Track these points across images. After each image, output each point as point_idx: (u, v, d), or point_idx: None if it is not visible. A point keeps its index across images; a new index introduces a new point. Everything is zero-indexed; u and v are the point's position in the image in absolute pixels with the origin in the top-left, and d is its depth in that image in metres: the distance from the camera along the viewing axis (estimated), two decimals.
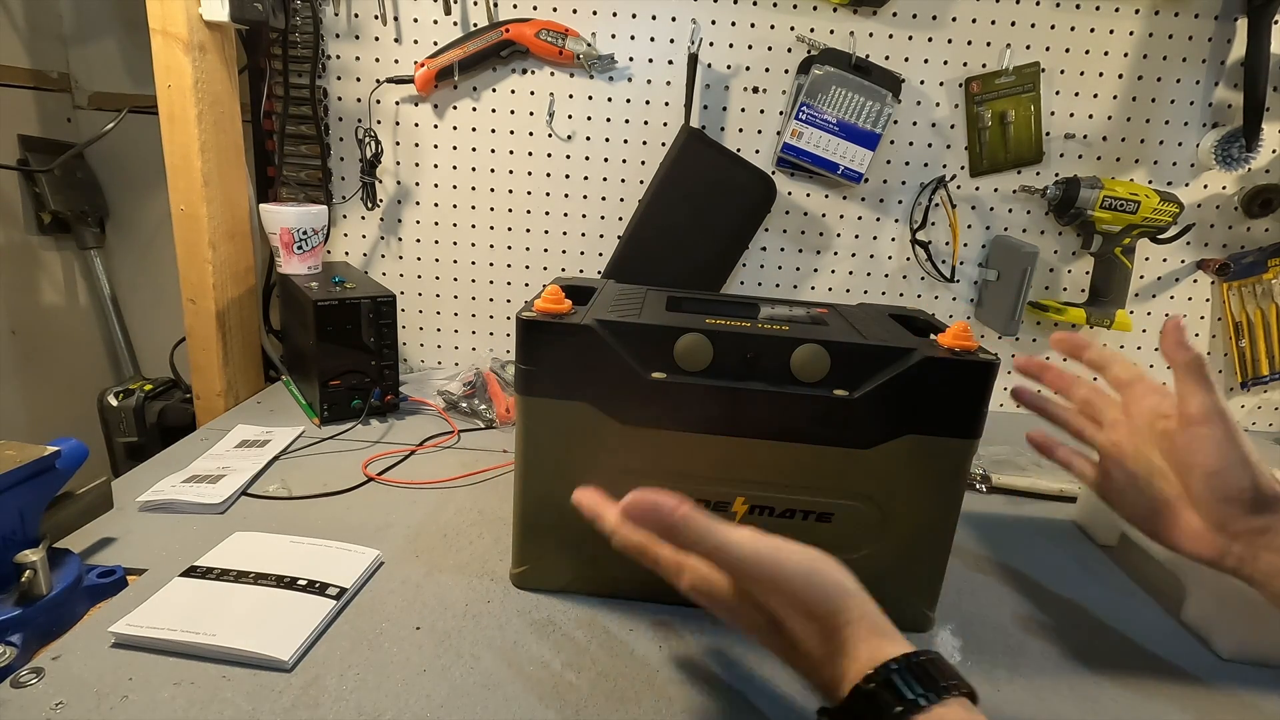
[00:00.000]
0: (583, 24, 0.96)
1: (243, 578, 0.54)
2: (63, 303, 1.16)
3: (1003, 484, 0.81)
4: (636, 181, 1.01)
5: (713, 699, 0.47)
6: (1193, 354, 0.49)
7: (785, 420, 0.50)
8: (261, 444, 0.79)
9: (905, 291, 1.06)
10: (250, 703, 0.44)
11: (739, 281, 1.06)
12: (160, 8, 0.80)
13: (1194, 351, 0.49)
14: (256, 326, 0.99)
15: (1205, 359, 0.50)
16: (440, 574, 0.58)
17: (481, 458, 0.80)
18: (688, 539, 0.39)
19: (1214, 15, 0.94)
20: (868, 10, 0.95)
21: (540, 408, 0.52)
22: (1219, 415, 0.47)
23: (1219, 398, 0.48)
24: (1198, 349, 0.50)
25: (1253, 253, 1.03)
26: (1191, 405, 0.48)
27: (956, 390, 0.50)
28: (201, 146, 0.84)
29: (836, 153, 0.95)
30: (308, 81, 0.98)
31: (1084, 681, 0.52)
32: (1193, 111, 0.98)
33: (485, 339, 1.09)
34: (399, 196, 1.04)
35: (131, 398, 0.96)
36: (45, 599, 0.48)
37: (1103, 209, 0.94)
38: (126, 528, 0.62)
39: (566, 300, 0.53)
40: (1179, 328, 0.50)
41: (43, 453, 0.50)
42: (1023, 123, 0.98)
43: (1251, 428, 1.10)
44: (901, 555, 0.53)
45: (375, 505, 0.69)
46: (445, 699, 0.45)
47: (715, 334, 0.50)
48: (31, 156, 1.06)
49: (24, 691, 0.43)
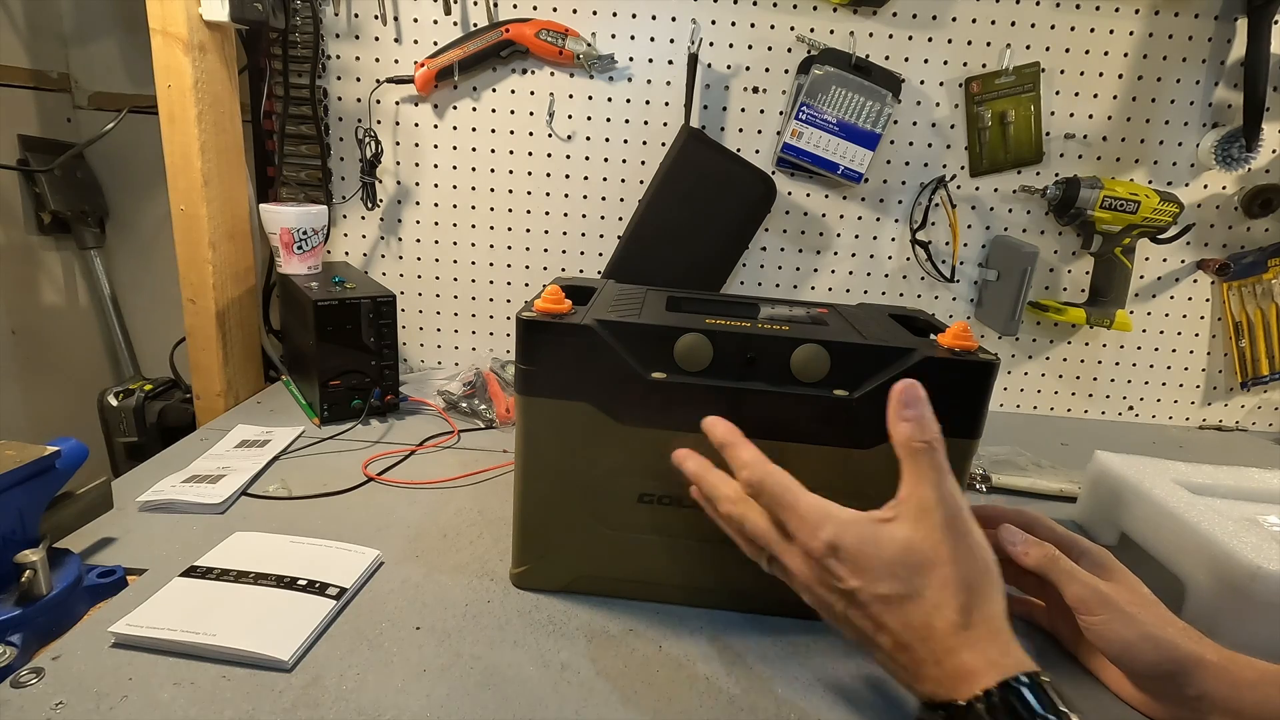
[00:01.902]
0: (583, 24, 0.96)
1: (243, 578, 0.54)
2: (63, 303, 1.16)
3: (1003, 484, 0.81)
4: (636, 181, 1.01)
5: (713, 699, 0.47)
6: (1042, 552, 0.50)
7: (785, 420, 0.50)
8: (261, 444, 0.79)
9: (905, 291, 1.06)
10: (250, 703, 0.44)
11: (739, 281, 1.06)
12: (160, 8, 0.80)
13: (1042, 549, 0.50)
14: (256, 326, 0.99)
15: (1055, 552, 0.50)
16: (440, 574, 0.58)
17: (481, 458, 0.80)
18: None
19: (1214, 15, 0.94)
20: (868, 10, 0.95)
21: (540, 408, 0.52)
22: (1100, 602, 0.47)
23: (1097, 583, 0.48)
24: (1046, 548, 0.50)
25: (1253, 253, 1.03)
26: (1068, 597, 0.48)
27: (956, 390, 0.50)
28: (201, 146, 0.84)
29: (836, 153, 0.95)
30: (308, 81, 0.98)
31: (1085, 682, 0.52)
32: (1193, 111, 0.98)
33: (485, 339, 1.09)
34: (399, 196, 1.04)
35: (131, 398, 0.96)
36: (45, 599, 0.48)
37: (1103, 209, 0.94)
38: (126, 528, 0.62)
39: (566, 300, 0.52)
40: (1013, 531, 0.51)
41: (43, 453, 0.50)
42: (1023, 123, 0.98)
43: (1252, 428, 1.10)
44: None
45: (375, 505, 0.69)
46: (445, 699, 0.45)
47: (715, 334, 0.50)
48: (31, 156, 1.06)
49: (24, 691, 0.43)
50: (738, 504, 0.45)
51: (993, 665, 0.35)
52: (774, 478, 0.43)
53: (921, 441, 0.40)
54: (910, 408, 0.42)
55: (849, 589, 0.39)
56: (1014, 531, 0.52)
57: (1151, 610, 0.47)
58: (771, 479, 0.43)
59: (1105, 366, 1.09)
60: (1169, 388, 1.09)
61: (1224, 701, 0.43)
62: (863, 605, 0.39)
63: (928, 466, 0.40)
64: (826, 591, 0.40)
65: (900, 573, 0.38)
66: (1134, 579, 0.50)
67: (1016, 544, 0.51)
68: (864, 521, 0.40)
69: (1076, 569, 0.49)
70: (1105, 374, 1.09)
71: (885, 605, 0.38)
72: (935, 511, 0.39)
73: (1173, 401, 1.10)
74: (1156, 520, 0.64)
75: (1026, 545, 0.51)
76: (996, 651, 0.36)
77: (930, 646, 0.37)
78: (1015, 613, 0.57)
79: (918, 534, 0.39)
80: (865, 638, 0.40)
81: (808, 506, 0.41)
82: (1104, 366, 1.09)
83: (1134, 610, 0.46)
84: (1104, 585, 0.48)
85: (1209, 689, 0.44)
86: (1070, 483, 0.81)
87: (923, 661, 0.37)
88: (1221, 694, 0.43)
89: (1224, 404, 1.10)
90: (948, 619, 0.37)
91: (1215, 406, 1.10)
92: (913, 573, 0.38)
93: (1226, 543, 0.55)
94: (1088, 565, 0.51)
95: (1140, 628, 0.46)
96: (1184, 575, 0.59)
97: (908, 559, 0.38)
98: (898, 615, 0.38)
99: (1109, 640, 0.46)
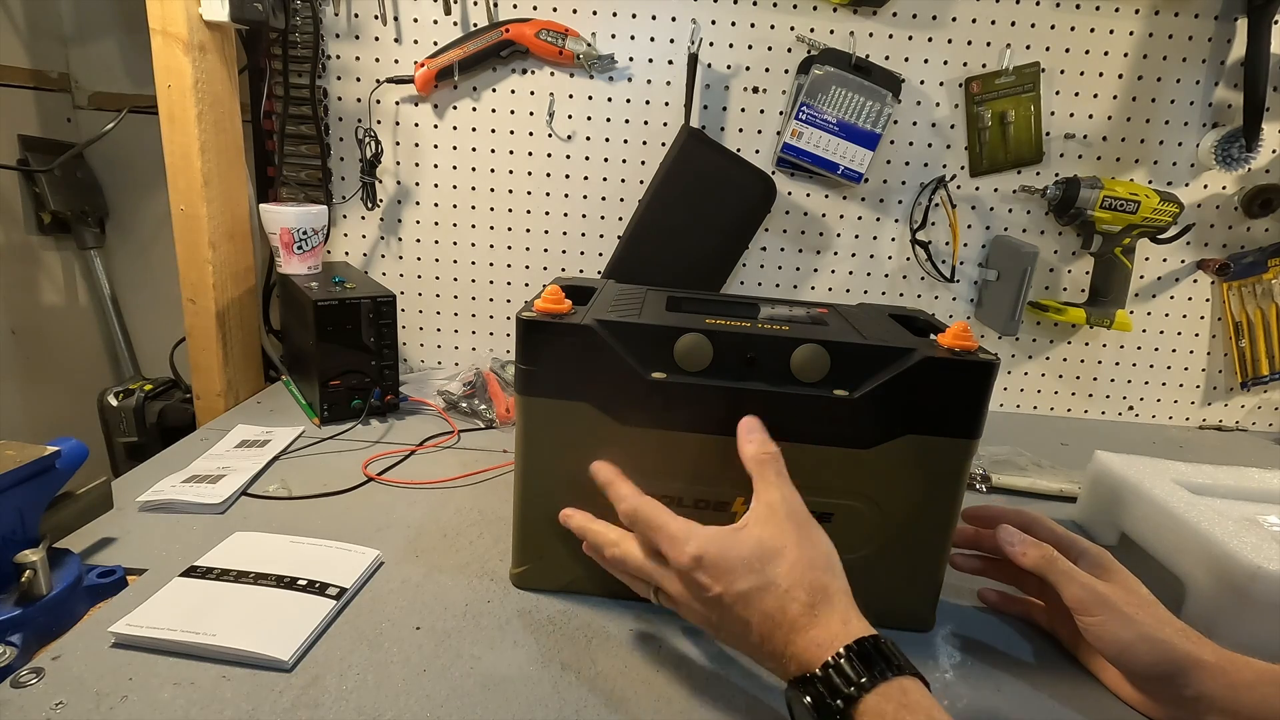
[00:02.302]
0: (583, 24, 0.96)
1: (243, 578, 0.54)
2: (63, 303, 1.16)
3: (1003, 484, 0.81)
4: (636, 181, 1.01)
5: (712, 699, 0.47)
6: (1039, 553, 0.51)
7: (785, 420, 0.50)
8: (261, 444, 0.79)
9: (905, 291, 1.06)
10: (250, 703, 0.44)
11: (739, 281, 1.06)
12: (160, 8, 0.80)
13: (1040, 550, 0.51)
14: (256, 326, 0.99)
15: (1052, 552, 0.50)
16: (440, 574, 0.58)
17: (481, 458, 0.80)
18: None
19: (1214, 15, 0.94)
20: (868, 10, 0.95)
21: (540, 408, 0.52)
22: (1098, 602, 0.47)
23: (1095, 584, 0.48)
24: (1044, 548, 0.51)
25: (1253, 253, 1.03)
26: (1066, 598, 0.49)
27: (956, 390, 0.50)
28: (201, 146, 0.84)
29: (836, 153, 0.95)
30: (308, 81, 0.98)
31: (1084, 681, 0.52)
32: (1193, 111, 0.98)
33: (485, 339, 1.09)
34: (399, 196, 1.04)
35: (131, 398, 0.96)
36: (45, 599, 0.48)
37: (1103, 209, 0.94)
38: (126, 528, 0.62)
39: (566, 300, 0.52)
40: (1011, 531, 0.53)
41: (43, 453, 0.50)
42: (1023, 123, 0.98)
43: (1252, 428, 1.10)
44: (902, 555, 0.53)
45: (375, 505, 0.69)
46: (445, 699, 0.45)
47: (715, 334, 0.50)
48: (31, 156, 1.06)
49: (24, 691, 0.43)
50: (619, 544, 0.49)
51: (835, 636, 0.39)
52: (646, 507, 0.47)
53: (765, 453, 0.47)
54: (753, 432, 0.49)
55: (715, 595, 0.42)
56: (1012, 532, 0.53)
57: (1149, 611, 0.48)
58: (644, 508, 0.47)
59: (1105, 366, 1.09)
60: (1169, 388, 1.09)
61: (1221, 702, 0.44)
62: (728, 608, 0.42)
63: (772, 473, 0.46)
64: (700, 605, 0.44)
65: (755, 565, 0.42)
66: (1132, 579, 0.50)
67: (1014, 544, 0.52)
68: (723, 532, 0.44)
69: (1074, 569, 0.50)
70: (1105, 374, 1.09)
71: (746, 602, 0.42)
72: (779, 509, 0.45)
73: (1173, 401, 1.10)
74: (1156, 520, 0.64)
75: (1024, 546, 0.51)
76: (838, 624, 0.40)
77: (785, 630, 0.41)
78: (1014, 612, 0.57)
79: (766, 531, 0.44)
80: (740, 639, 0.43)
81: (675, 527, 0.45)
82: (1104, 366, 1.09)
83: (1131, 611, 0.47)
84: (1102, 586, 0.48)
85: (1206, 689, 0.44)
86: (1070, 483, 0.81)
87: (784, 644, 0.41)
88: (1219, 694, 0.44)
89: (1224, 404, 1.10)
90: (799, 601, 0.41)
91: (1215, 406, 1.10)
92: (765, 564, 0.42)
93: (1226, 543, 0.55)
94: (1086, 565, 0.52)
95: (1137, 629, 0.46)
96: (1184, 575, 0.59)
97: (760, 552, 0.43)
98: (757, 607, 0.41)
99: (1106, 641, 0.47)
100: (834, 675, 0.38)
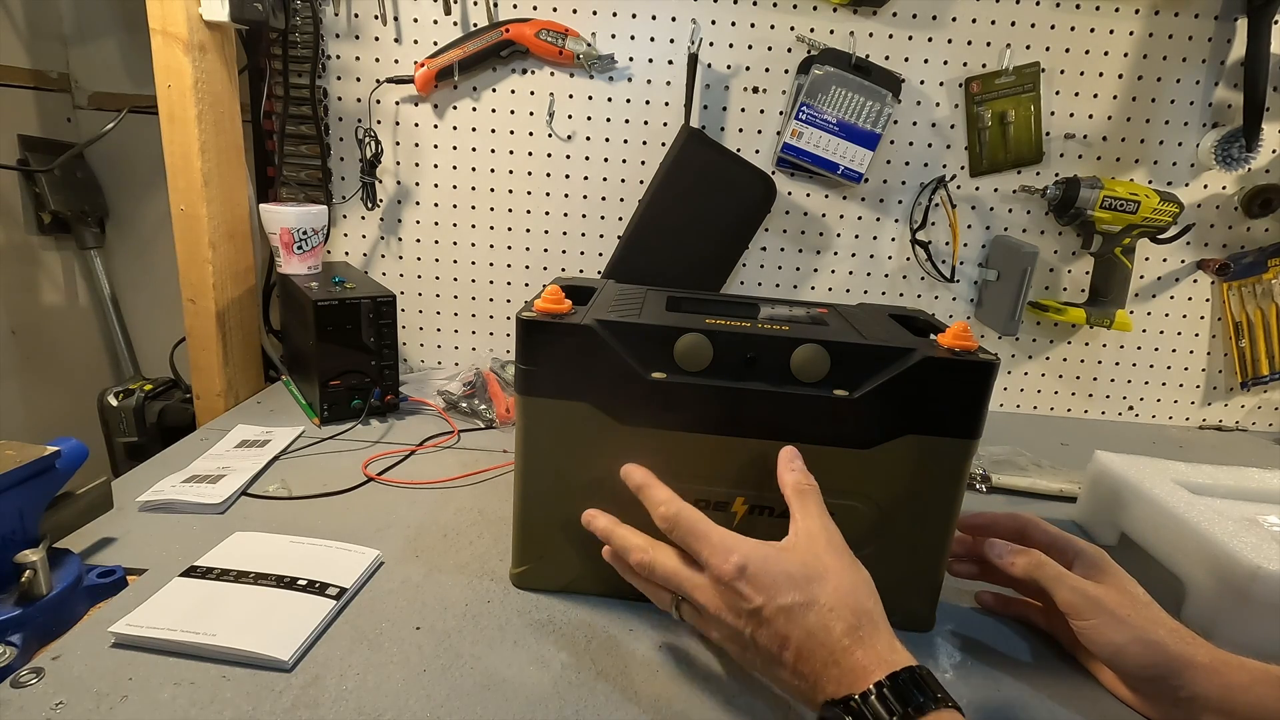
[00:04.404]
0: (583, 24, 0.96)
1: (243, 578, 0.54)
2: (63, 303, 1.16)
3: (1003, 484, 0.81)
4: (636, 181, 1.01)
5: (712, 699, 0.47)
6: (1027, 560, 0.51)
7: (785, 420, 0.50)
8: (261, 444, 0.79)
9: (905, 291, 1.06)
10: (250, 703, 0.44)
11: (739, 281, 1.06)
12: (160, 8, 0.80)
13: (1028, 557, 0.51)
14: (256, 326, 0.99)
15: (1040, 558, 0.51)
16: (440, 574, 0.58)
17: (481, 458, 0.80)
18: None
19: (1214, 15, 0.94)
20: (868, 10, 0.95)
21: (540, 408, 0.52)
22: (1090, 605, 0.48)
23: (1086, 587, 0.49)
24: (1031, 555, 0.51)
25: (1253, 253, 1.03)
26: (1059, 602, 0.49)
27: (956, 390, 0.50)
28: (201, 146, 0.84)
29: (836, 153, 0.95)
30: (308, 81, 0.98)
31: (1084, 681, 0.52)
32: (1193, 111, 0.98)
33: (485, 339, 1.09)
34: (399, 196, 1.04)
35: (131, 398, 0.96)
36: (45, 599, 0.48)
37: (1103, 209, 0.94)
38: (126, 528, 0.62)
39: (566, 300, 0.52)
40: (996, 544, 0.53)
41: (43, 453, 0.50)
42: (1023, 123, 0.98)
43: (1252, 428, 1.10)
44: (901, 555, 0.53)
45: (375, 505, 0.69)
46: (445, 699, 0.45)
47: (715, 334, 0.50)
48: (31, 156, 1.06)
49: (24, 691, 0.43)
50: (648, 550, 0.48)
51: (882, 661, 0.39)
52: (688, 513, 0.47)
53: (808, 484, 0.48)
54: (795, 460, 0.49)
55: (755, 606, 0.42)
56: (997, 544, 0.53)
57: (1143, 612, 0.48)
58: (686, 514, 0.47)
59: (1105, 366, 1.09)
60: (1169, 388, 1.09)
61: (1216, 703, 0.44)
62: (767, 621, 0.42)
63: (814, 504, 0.47)
64: (734, 616, 0.43)
65: (800, 583, 0.42)
66: (1127, 579, 0.51)
67: (1002, 556, 0.53)
68: (767, 546, 0.44)
69: (1064, 573, 0.50)
70: (1105, 374, 1.09)
71: (788, 616, 0.41)
72: (820, 537, 0.45)
73: (1173, 401, 1.10)
74: (1156, 520, 0.64)
75: (1012, 555, 0.52)
76: (885, 649, 0.40)
77: (828, 649, 0.40)
78: (1012, 614, 0.57)
79: (810, 554, 0.44)
80: (771, 657, 0.42)
81: (719, 536, 0.45)
82: (1104, 366, 1.09)
83: (1124, 613, 0.47)
84: (1093, 588, 0.49)
85: (1200, 691, 0.44)
86: (1070, 483, 0.81)
87: (824, 664, 0.40)
88: (1214, 696, 0.44)
89: (1224, 404, 1.10)
90: (844, 621, 0.41)
91: (1215, 406, 1.10)
92: (810, 582, 0.42)
93: (1226, 543, 0.55)
94: (1082, 566, 0.52)
95: (1131, 631, 0.46)
96: (1184, 575, 0.59)
97: (805, 571, 0.43)
98: (799, 624, 0.41)
99: (1100, 644, 0.47)
100: (876, 703, 0.37)
